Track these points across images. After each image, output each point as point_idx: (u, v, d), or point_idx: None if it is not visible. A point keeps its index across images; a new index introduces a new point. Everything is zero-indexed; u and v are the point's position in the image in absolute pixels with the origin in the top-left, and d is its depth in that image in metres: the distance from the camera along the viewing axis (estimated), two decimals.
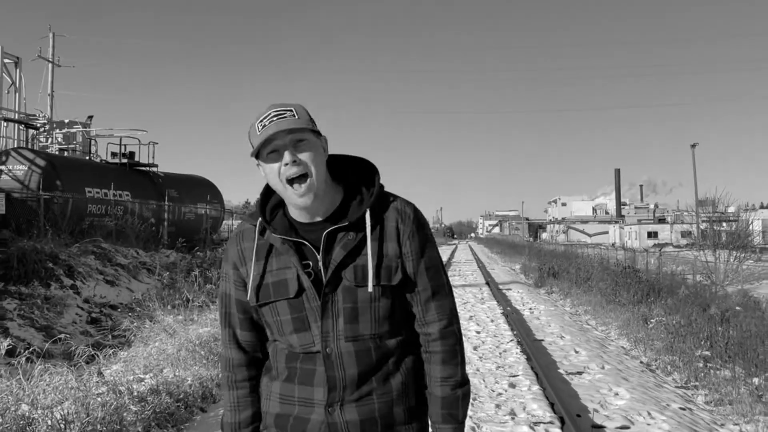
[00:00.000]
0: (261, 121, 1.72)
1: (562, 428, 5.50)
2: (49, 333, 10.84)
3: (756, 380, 7.41)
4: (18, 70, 23.33)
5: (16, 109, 22.70)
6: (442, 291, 1.86)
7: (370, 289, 1.72)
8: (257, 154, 1.76)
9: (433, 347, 1.83)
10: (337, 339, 1.72)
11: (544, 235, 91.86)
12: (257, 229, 1.80)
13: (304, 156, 1.72)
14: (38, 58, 30.13)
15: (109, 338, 10.39)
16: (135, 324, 9.14)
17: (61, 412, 4.50)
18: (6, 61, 22.44)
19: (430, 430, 1.85)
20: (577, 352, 9.40)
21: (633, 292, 15.50)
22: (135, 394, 5.76)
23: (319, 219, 1.79)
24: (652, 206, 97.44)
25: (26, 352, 6.33)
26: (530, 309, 15.06)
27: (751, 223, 41.36)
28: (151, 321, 9.98)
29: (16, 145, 22.09)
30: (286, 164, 1.70)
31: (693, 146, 54.04)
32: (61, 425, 4.36)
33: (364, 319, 1.74)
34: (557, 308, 15.49)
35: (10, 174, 18.69)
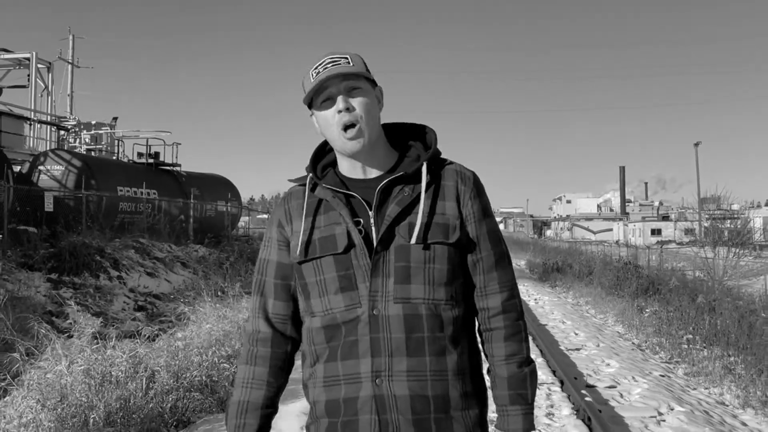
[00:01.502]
0: (315, 68, 1.65)
1: (562, 387, 6.73)
2: (104, 318, 12.11)
3: (732, 358, 8.64)
4: (50, 75, 24.65)
5: (49, 112, 23.99)
6: (504, 261, 1.74)
7: (413, 240, 1.60)
8: (310, 103, 1.71)
9: (494, 323, 1.70)
10: (386, 300, 1.59)
11: (549, 233, 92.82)
12: (308, 184, 1.72)
13: (357, 103, 1.65)
14: (59, 60, 31.56)
15: (157, 324, 11.65)
16: (188, 309, 10.37)
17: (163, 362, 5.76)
18: (39, 66, 23.74)
19: (491, 423, 1.68)
20: (576, 334, 10.64)
21: (634, 286, 16.75)
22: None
23: (372, 177, 1.71)
24: (656, 204, 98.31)
25: (89, 334, 7.56)
26: (535, 299, 16.37)
27: (751, 220, 42.43)
28: (193, 308, 11.27)
29: (48, 146, 23.37)
30: (339, 111, 1.63)
31: (696, 145, 55.05)
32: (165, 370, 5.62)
33: (417, 281, 1.60)
34: (560, 299, 16.75)
35: (49, 174, 19.94)
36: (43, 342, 6.75)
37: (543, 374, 7.36)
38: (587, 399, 6.25)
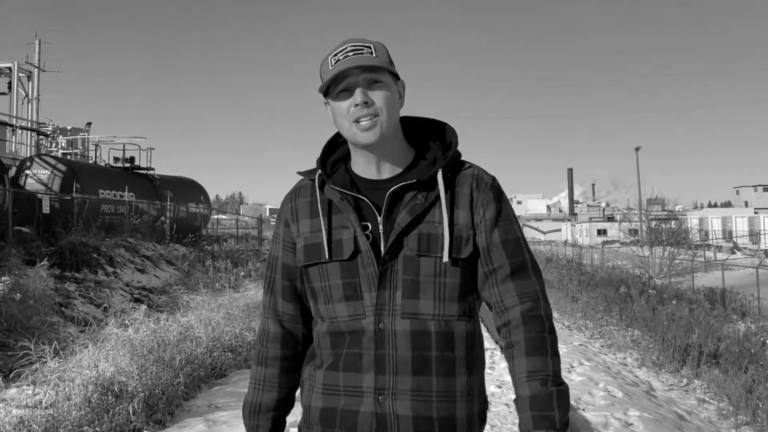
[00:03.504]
0: (335, 55, 1.53)
1: (501, 351, 8.72)
2: (106, 309, 13.71)
3: (636, 332, 10.78)
4: (30, 83, 25.86)
5: (29, 118, 25.22)
6: (525, 270, 1.57)
7: (445, 258, 1.49)
8: (326, 92, 1.58)
9: (515, 336, 1.53)
10: (393, 314, 1.50)
11: None
12: (317, 182, 1.61)
13: (377, 97, 1.53)
14: (26, 64, 32.59)
15: (155, 312, 13.31)
16: (189, 299, 12.09)
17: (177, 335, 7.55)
18: (20, 75, 24.97)
19: None
20: None
21: (576, 281, 19.03)
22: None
23: (385, 177, 1.59)
24: (603, 205, 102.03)
25: (143, 310, 9.28)
26: None
27: (683, 223, 45.39)
28: (191, 299, 13.01)
29: (28, 151, 24.61)
30: (357, 105, 1.52)
31: (636, 149, 58.29)
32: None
33: (426, 296, 1.50)
34: None
35: (35, 177, 21.28)
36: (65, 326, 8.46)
37: (488, 343, 9.35)
38: None
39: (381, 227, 1.54)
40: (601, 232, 72.17)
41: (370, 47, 1.54)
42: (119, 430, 4.83)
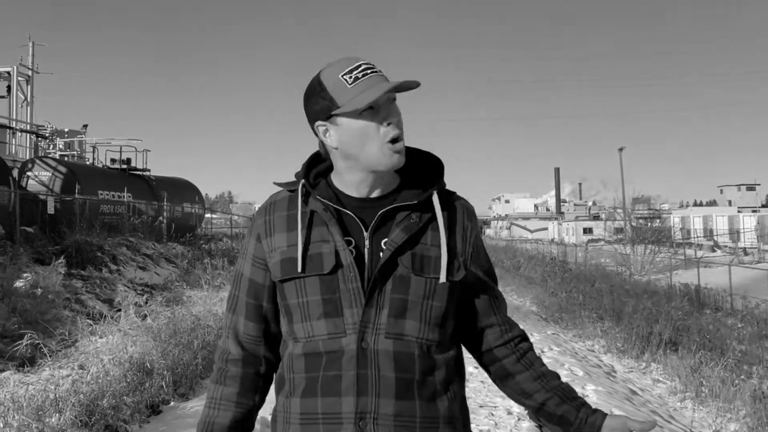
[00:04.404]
0: (350, 72, 1.46)
1: None
2: (112, 304, 14.54)
3: (606, 324, 11.74)
4: (29, 87, 26.58)
5: (28, 121, 25.94)
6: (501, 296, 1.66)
7: (443, 279, 1.47)
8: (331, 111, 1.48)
9: (525, 345, 1.62)
10: (377, 333, 1.44)
11: (489, 231, 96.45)
12: (300, 193, 1.54)
13: (400, 116, 1.51)
14: (22, 67, 33.26)
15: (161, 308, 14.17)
16: (193, 293, 12.94)
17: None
18: (19, 78, 25.70)
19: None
20: None
21: (559, 278, 20.00)
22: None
23: (373, 197, 1.55)
24: (590, 204, 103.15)
25: (159, 302, 10.13)
26: None
27: (666, 221, 46.45)
28: (188, 294, 13.88)
29: (27, 153, 25.34)
30: (390, 124, 1.47)
31: (620, 150, 59.24)
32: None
33: (412, 316, 1.46)
34: None
35: (37, 179, 22.03)
36: (77, 319, 9.32)
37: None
38: None
39: (367, 242, 1.48)
40: (587, 231, 72.86)
41: (381, 71, 1.50)
42: (151, 401, 5.71)
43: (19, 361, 7.53)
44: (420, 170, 1.61)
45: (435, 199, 1.54)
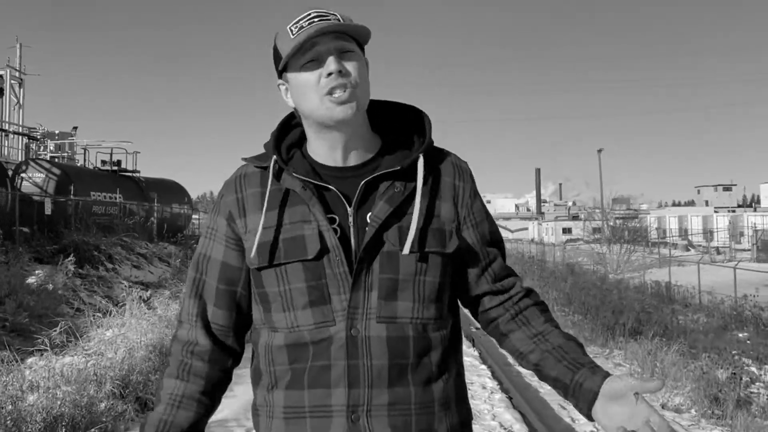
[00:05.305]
0: (296, 23, 1.32)
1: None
2: (111, 300, 15.26)
3: (577, 316, 12.69)
4: (21, 89, 27.13)
5: (20, 123, 26.52)
6: (505, 254, 1.52)
7: (405, 251, 1.32)
8: (284, 67, 1.37)
9: (525, 302, 1.45)
10: (367, 318, 1.31)
11: None
12: (271, 169, 1.38)
13: (351, 67, 1.33)
14: (12, 69, 33.76)
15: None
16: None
17: None
18: (12, 81, 26.27)
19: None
20: None
21: (537, 275, 20.99)
22: None
23: (351, 164, 1.40)
24: (569, 204, 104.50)
25: (167, 296, 10.90)
26: None
27: (643, 221, 47.62)
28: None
29: (19, 155, 25.91)
30: (330, 74, 1.31)
31: (599, 151, 60.47)
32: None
33: (405, 296, 1.33)
34: None
35: (31, 180, 22.63)
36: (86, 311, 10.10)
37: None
38: (473, 330, 10.13)
39: (351, 219, 1.34)
40: (566, 231, 73.84)
41: (336, 15, 1.33)
42: None
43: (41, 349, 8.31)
44: (403, 128, 1.47)
45: (420, 162, 1.39)
